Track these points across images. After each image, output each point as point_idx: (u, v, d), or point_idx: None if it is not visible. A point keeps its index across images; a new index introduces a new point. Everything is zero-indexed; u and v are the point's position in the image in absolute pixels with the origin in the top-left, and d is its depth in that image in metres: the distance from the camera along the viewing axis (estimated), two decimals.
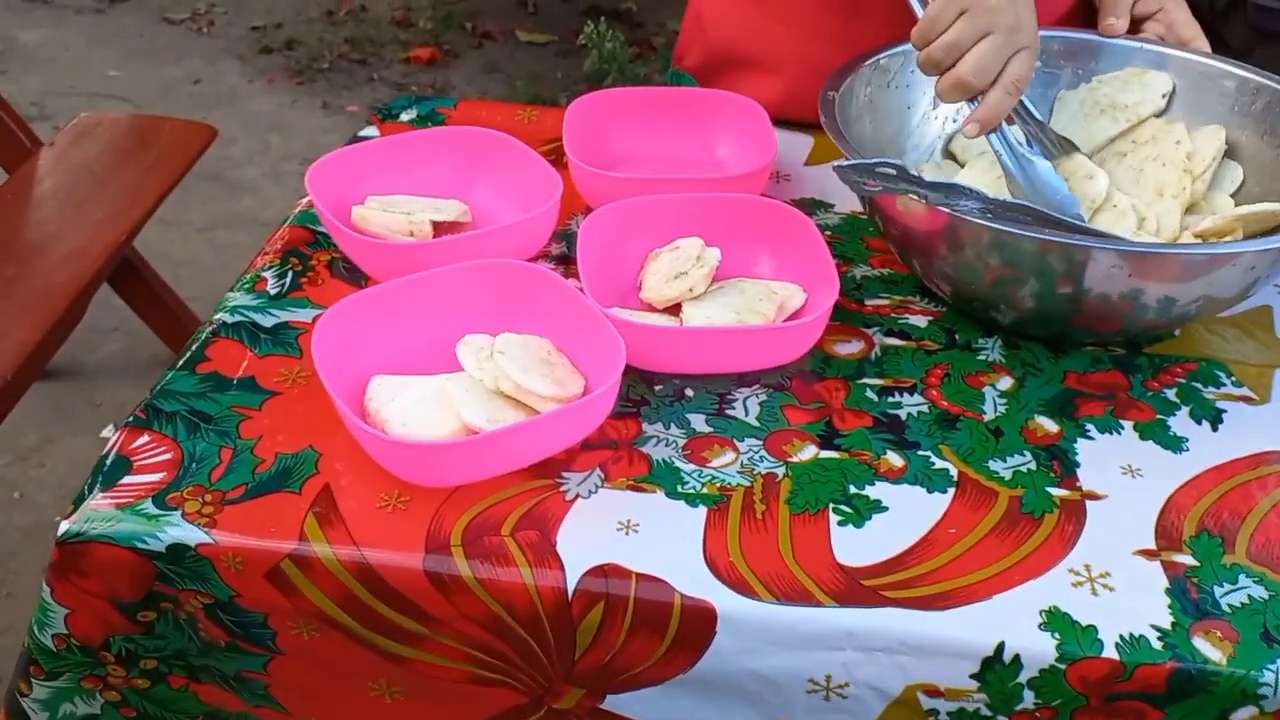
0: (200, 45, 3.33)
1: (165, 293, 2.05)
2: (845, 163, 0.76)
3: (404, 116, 1.11)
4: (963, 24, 0.79)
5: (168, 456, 0.72)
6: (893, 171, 0.76)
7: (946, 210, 0.77)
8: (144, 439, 0.74)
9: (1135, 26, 0.99)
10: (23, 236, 1.70)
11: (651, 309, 0.85)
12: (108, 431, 2.02)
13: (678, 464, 0.74)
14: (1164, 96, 0.94)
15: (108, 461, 0.72)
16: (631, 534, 0.69)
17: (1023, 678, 0.64)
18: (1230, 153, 0.92)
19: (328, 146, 2.87)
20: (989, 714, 0.66)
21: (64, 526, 0.69)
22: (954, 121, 0.99)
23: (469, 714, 0.72)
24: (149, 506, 0.69)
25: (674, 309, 0.84)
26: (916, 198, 0.77)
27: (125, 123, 1.98)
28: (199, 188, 2.59)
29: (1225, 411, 0.80)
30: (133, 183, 1.81)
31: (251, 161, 2.80)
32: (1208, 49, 0.96)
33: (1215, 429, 0.78)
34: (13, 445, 1.96)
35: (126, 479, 0.71)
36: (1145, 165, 0.90)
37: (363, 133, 1.07)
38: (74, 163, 1.85)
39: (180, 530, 0.68)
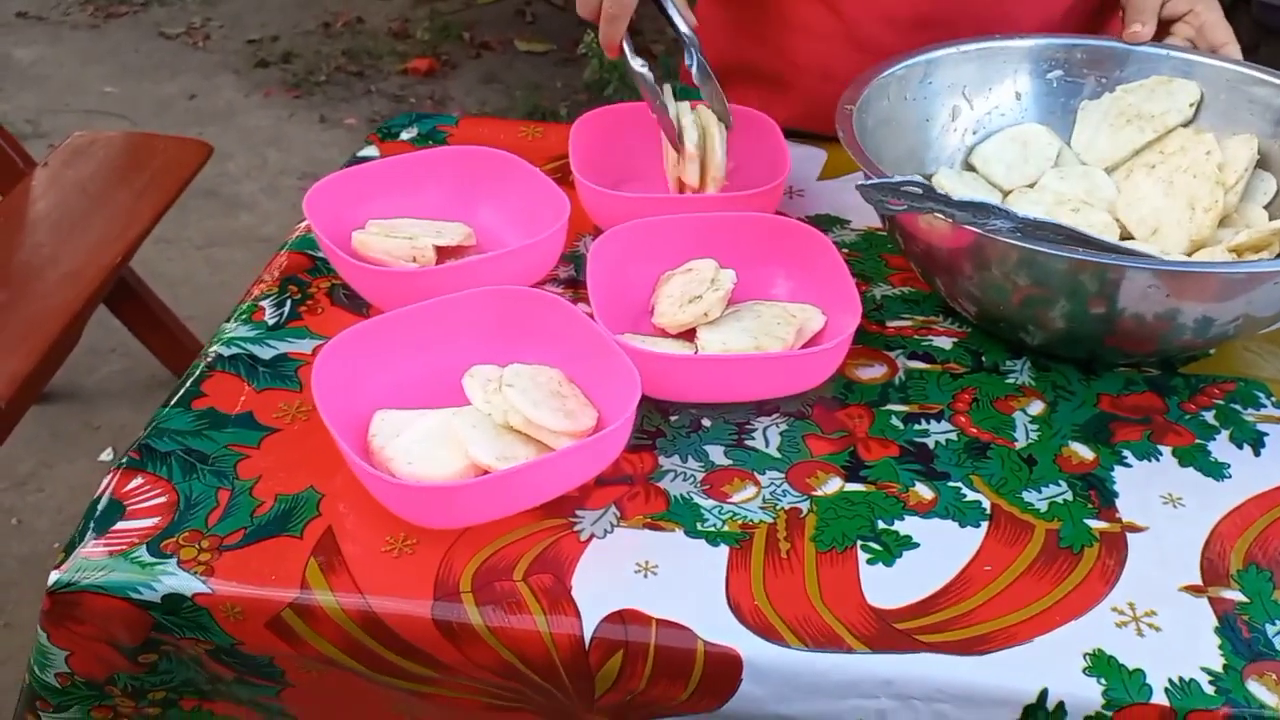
0: (196, 60, 3.31)
1: (163, 313, 2.02)
2: (869, 182, 0.73)
3: (404, 135, 1.08)
4: None
5: (162, 500, 0.69)
6: (919, 190, 0.73)
7: (975, 230, 0.73)
8: (137, 481, 0.70)
9: (1164, 28, 0.95)
10: (17, 259, 1.67)
11: (664, 334, 0.81)
12: (106, 455, 1.99)
13: (696, 500, 0.71)
14: (1192, 106, 0.91)
15: (100, 506, 0.69)
16: (650, 576, 0.66)
17: None
18: (1263, 163, 0.88)
19: (326, 160, 2.87)
20: None
21: (54, 576, 0.65)
22: (973, 134, 0.96)
23: None
24: (143, 554, 0.66)
25: (688, 333, 0.81)
26: (944, 217, 0.73)
27: (119, 141, 1.95)
28: (196, 204, 2.56)
29: (1267, 435, 0.76)
30: (128, 202, 1.78)
31: (249, 177, 2.77)
32: (1239, 54, 0.92)
33: (1257, 453, 0.75)
34: (10, 471, 1.93)
35: (120, 524, 0.68)
36: (1175, 177, 0.86)
37: (362, 153, 1.04)
38: (68, 183, 1.82)
39: (176, 579, 0.64)
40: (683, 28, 0.92)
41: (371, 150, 1.05)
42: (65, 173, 1.85)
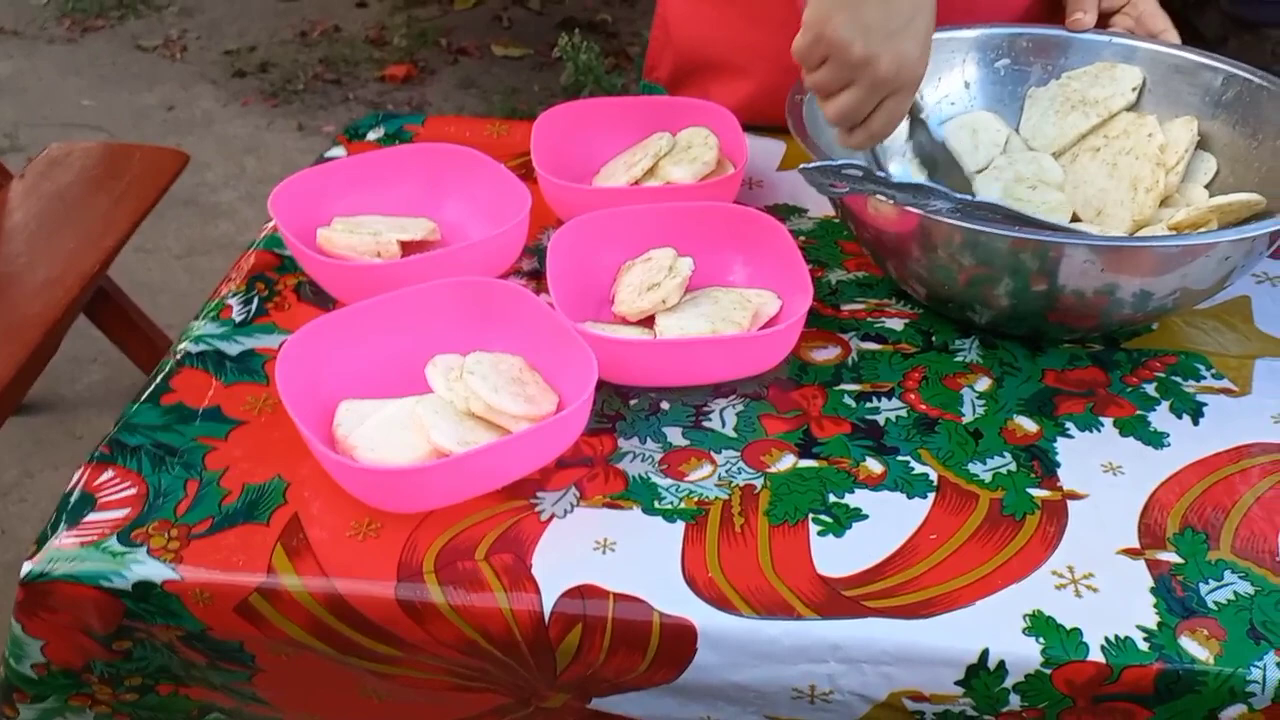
0: (173, 71, 3.31)
1: (142, 321, 2.03)
2: (811, 165, 0.76)
3: (371, 135, 1.10)
4: (825, 72, 0.76)
5: (132, 492, 0.71)
6: (858, 172, 0.75)
7: (917, 211, 0.76)
8: (108, 474, 0.72)
9: (1104, 20, 0.98)
10: None
11: (625, 322, 0.84)
12: None
13: (654, 479, 0.73)
14: (1134, 90, 0.94)
15: (71, 499, 0.71)
16: (609, 553, 0.68)
17: (1008, 683, 0.63)
18: (1203, 144, 0.91)
19: (304, 167, 2.87)
20: (975, 715, 0.64)
21: (27, 567, 0.67)
22: None
23: (459, 711, 0.70)
24: (113, 544, 0.68)
25: (648, 321, 0.83)
26: (884, 198, 0.76)
27: (96, 152, 1.97)
28: (175, 213, 2.57)
29: (1206, 405, 0.79)
30: (105, 211, 1.80)
31: (227, 185, 2.78)
32: (1177, 40, 0.95)
33: (1196, 423, 0.78)
34: None
35: (91, 516, 0.70)
36: (1119, 159, 0.89)
37: (329, 153, 1.06)
38: (45, 193, 1.83)
39: (145, 567, 0.66)
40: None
41: (339, 151, 1.07)
42: (42, 184, 1.86)
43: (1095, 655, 0.62)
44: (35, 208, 1.80)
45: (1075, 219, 0.91)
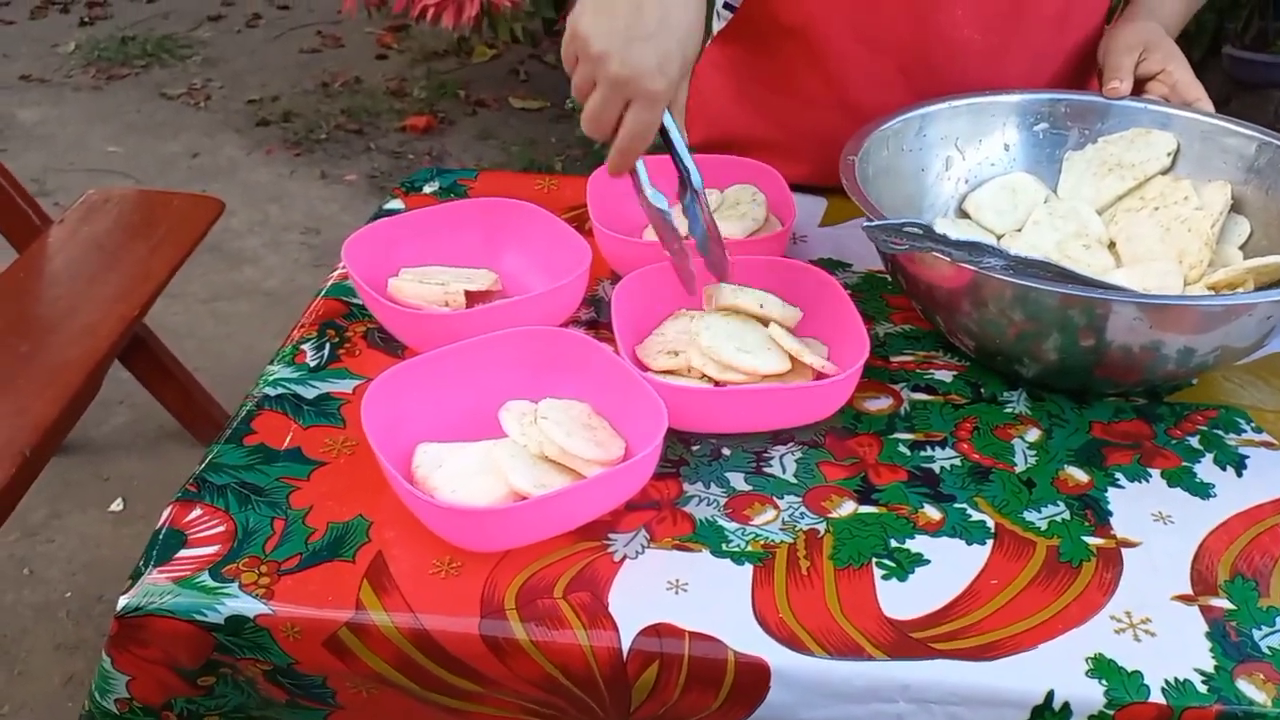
0: (198, 119, 3.38)
1: (175, 366, 2.06)
2: (874, 223, 0.79)
3: (427, 189, 1.13)
4: (578, 71, 0.77)
5: (221, 529, 0.74)
6: (919, 231, 0.79)
7: (970, 267, 0.79)
8: (196, 512, 0.75)
9: (1140, 86, 1.02)
10: (36, 313, 1.71)
11: (645, 368, 0.86)
12: (117, 505, 2.02)
13: (720, 522, 0.75)
14: (1169, 155, 0.98)
15: (160, 536, 0.73)
16: (681, 593, 0.70)
17: None
18: (1236, 207, 0.95)
19: (326, 215, 2.93)
20: None
21: (123, 601, 0.69)
22: (966, 183, 1.02)
23: None
24: (206, 579, 0.70)
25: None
26: (942, 255, 0.79)
27: (133, 198, 2.01)
28: (200, 259, 2.60)
29: (1248, 457, 0.82)
30: (143, 258, 1.83)
31: (252, 232, 2.83)
32: (1211, 108, 0.99)
33: (1240, 474, 0.81)
34: (21, 521, 1.95)
35: (181, 553, 0.72)
36: (1173, 225, 0.92)
37: (388, 205, 1.10)
38: (84, 239, 1.87)
39: (238, 602, 0.69)
40: (694, 178, 0.83)
41: (397, 203, 1.11)
42: (81, 229, 1.90)
43: (1156, 697, 0.65)
44: (75, 253, 1.84)
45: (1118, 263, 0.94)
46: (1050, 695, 0.65)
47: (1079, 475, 0.80)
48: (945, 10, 1.02)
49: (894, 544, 0.74)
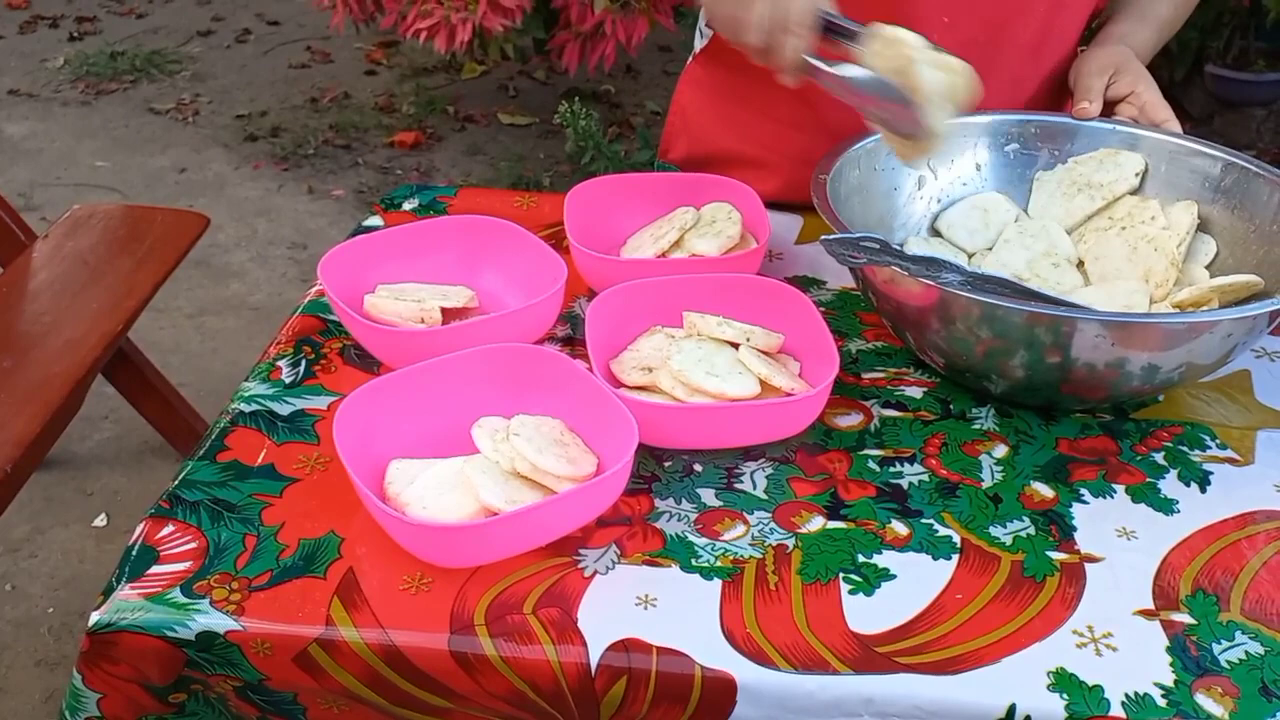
0: (186, 134, 3.38)
1: (159, 381, 2.06)
2: (832, 237, 0.81)
3: (406, 205, 1.14)
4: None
5: (193, 545, 0.74)
6: (876, 245, 0.80)
7: (934, 284, 0.80)
8: (169, 529, 0.75)
9: (1109, 108, 1.04)
10: (19, 328, 1.72)
11: (621, 384, 0.87)
12: (100, 521, 2.02)
13: (691, 538, 0.76)
14: (1137, 175, 0.99)
15: (133, 552, 0.74)
16: (650, 608, 0.71)
17: None
18: (1203, 227, 0.96)
19: (314, 230, 2.94)
20: None
21: (94, 617, 0.70)
22: (938, 202, 1.04)
23: None
24: (177, 595, 0.71)
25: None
26: (899, 269, 0.81)
27: (118, 214, 2.01)
28: (186, 274, 2.62)
29: (1212, 473, 0.83)
30: (127, 273, 1.84)
31: (239, 247, 2.83)
32: (1179, 130, 1.01)
33: (1204, 490, 0.82)
34: (3, 536, 1.95)
35: (153, 569, 0.73)
36: (1140, 245, 0.94)
37: (367, 222, 1.11)
38: (69, 254, 1.88)
39: (209, 618, 0.69)
40: (852, 24, 0.88)
41: (376, 220, 1.11)
42: (65, 244, 1.90)
43: (1116, 711, 0.66)
44: (59, 268, 1.84)
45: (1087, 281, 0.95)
46: (1012, 709, 0.66)
47: (1044, 491, 0.81)
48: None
49: (861, 559, 0.75)
